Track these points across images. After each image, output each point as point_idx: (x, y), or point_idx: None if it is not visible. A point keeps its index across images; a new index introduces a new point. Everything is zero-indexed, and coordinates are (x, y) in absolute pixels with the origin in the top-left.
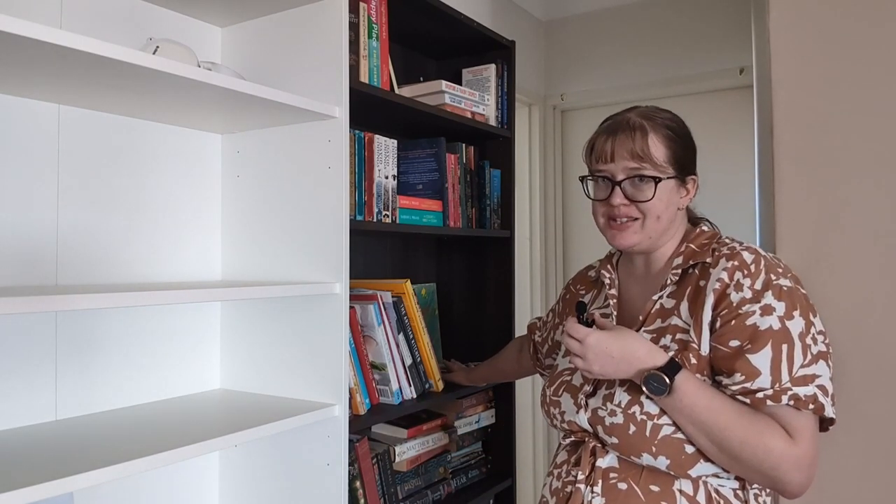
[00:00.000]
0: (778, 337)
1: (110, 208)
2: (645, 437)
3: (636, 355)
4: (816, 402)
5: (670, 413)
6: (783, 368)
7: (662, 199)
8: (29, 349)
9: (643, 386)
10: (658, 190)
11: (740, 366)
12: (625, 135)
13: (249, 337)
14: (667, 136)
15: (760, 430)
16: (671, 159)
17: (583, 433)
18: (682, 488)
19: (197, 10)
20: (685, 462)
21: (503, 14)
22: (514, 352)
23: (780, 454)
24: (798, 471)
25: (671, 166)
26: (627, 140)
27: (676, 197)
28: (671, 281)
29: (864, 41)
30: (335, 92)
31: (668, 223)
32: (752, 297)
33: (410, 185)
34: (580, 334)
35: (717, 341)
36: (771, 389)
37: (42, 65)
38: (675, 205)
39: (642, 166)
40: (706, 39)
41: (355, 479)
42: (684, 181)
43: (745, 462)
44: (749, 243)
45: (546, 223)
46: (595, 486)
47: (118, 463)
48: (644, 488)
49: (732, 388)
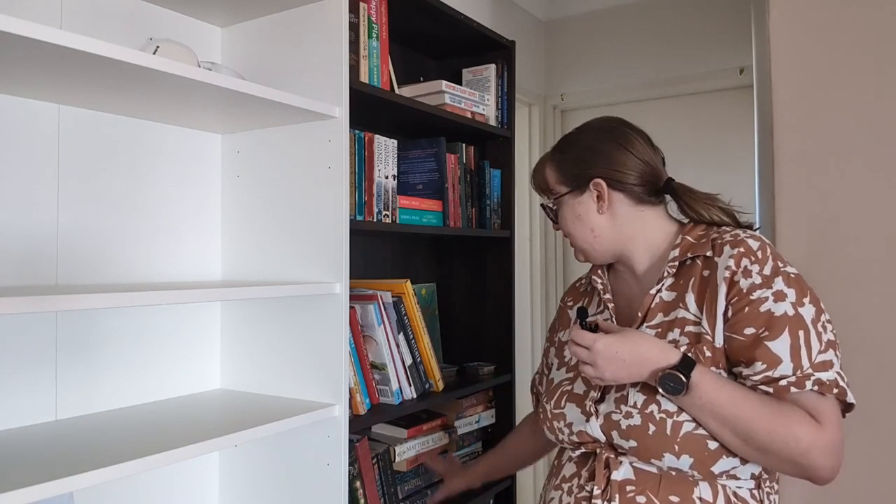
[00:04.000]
0: (794, 323)
1: (110, 208)
2: (666, 436)
3: (648, 356)
4: (839, 387)
5: (690, 411)
6: (802, 355)
7: (569, 219)
8: (29, 349)
9: (659, 387)
10: (560, 213)
11: (760, 354)
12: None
13: (249, 337)
14: (558, 160)
15: (787, 417)
16: (560, 179)
17: (594, 444)
18: (702, 496)
19: (197, 10)
20: (708, 459)
21: (503, 14)
22: (527, 430)
23: (810, 441)
24: (828, 456)
25: (562, 185)
26: (533, 180)
27: (581, 207)
28: (668, 273)
29: (863, 41)
30: (335, 92)
31: (607, 230)
32: (762, 282)
33: (410, 185)
34: (587, 341)
35: (730, 330)
36: (794, 376)
37: (42, 65)
38: (589, 213)
39: (545, 198)
40: (706, 39)
41: (355, 479)
42: (582, 189)
43: (775, 453)
44: (750, 231)
45: (546, 223)
46: (612, 501)
47: (118, 463)
48: (663, 499)
49: (754, 378)
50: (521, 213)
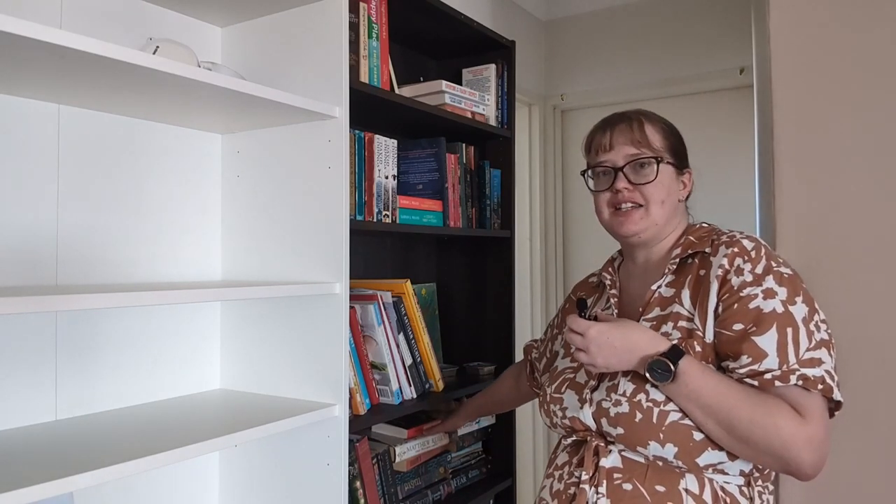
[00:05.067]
0: (782, 320)
1: (110, 208)
2: (652, 424)
3: (638, 344)
4: (825, 384)
5: (676, 399)
6: (790, 351)
7: (664, 183)
8: (29, 349)
9: (647, 373)
10: (660, 172)
11: (747, 348)
12: (623, 125)
13: (249, 337)
14: (662, 128)
15: (769, 409)
16: (668, 148)
17: (585, 431)
18: (689, 487)
19: (197, 10)
20: (693, 449)
21: (503, 14)
22: (511, 379)
23: (791, 433)
24: (810, 450)
25: (669, 153)
26: (626, 129)
27: (676, 186)
28: (669, 270)
29: (863, 41)
30: (335, 92)
31: (671, 210)
32: (752, 280)
33: (410, 185)
34: (581, 328)
35: (720, 326)
36: (779, 370)
37: (42, 65)
38: (676, 195)
39: (642, 151)
40: (706, 39)
41: (355, 479)
42: (682, 172)
43: (756, 443)
44: (749, 233)
45: (546, 223)
46: (599, 486)
47: (118, 463)
48: (650, 489)
49: (739, 371)
50: (521, 213)
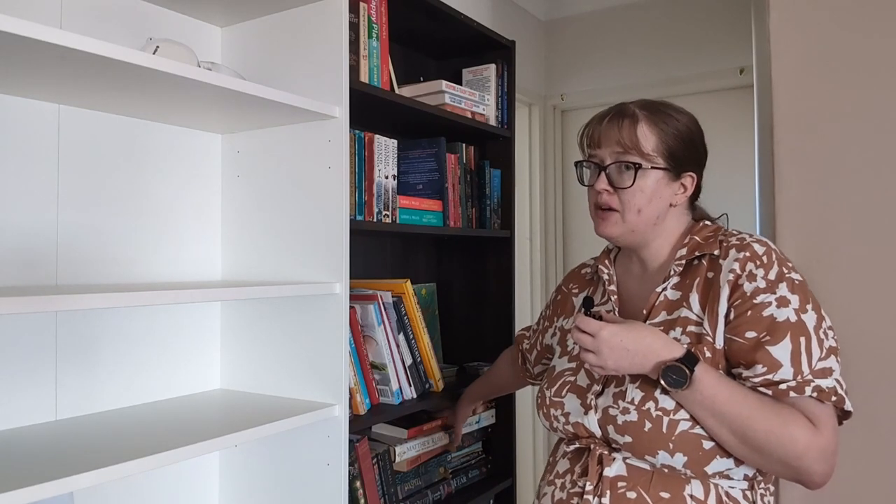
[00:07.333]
0: (795, 330)
1: (110, 208)
2: (661, 433)
3: (652, 348)
4: (837, 395)
5: (689, 406)
6: (803, 361)
7: (644, 191)
8: (29, 349)
9: (661, 379)
10: (639, 179)
11: (761, 357)
12: (614, 121)
13: (249, 337)
14: (661, 129)
15: (785, 419)
16: (662, 151)
17: (588, 438)
18: (694, 493)
19: (197, 10)
20: (702, 458)
21: (503, 14)
22: (505, 364)
23: (806, 444)
24: (822, 461)
25: (661, 157)
26: (615, 127)
27: (667, 191)
28: (674, 272)
29: (863, 41)
30: (335, 92)
31: (653, 218)
32: (766, 287)
33: (410, 185)
34: (592, 328)
35: (732, 333)
36: (794, 381)
37: (42, 65)
38: (665, 199)
39: (624, 154)
40: (706, 39)
41: (355, 479)
42: (678, 176)
43: (769, 453)
44: (758, 235)
45: (546, 223)
46: (603, 496)
47: (118, 463)
48: (654, 495)
49: (754, 380)
50: (521, 213)
